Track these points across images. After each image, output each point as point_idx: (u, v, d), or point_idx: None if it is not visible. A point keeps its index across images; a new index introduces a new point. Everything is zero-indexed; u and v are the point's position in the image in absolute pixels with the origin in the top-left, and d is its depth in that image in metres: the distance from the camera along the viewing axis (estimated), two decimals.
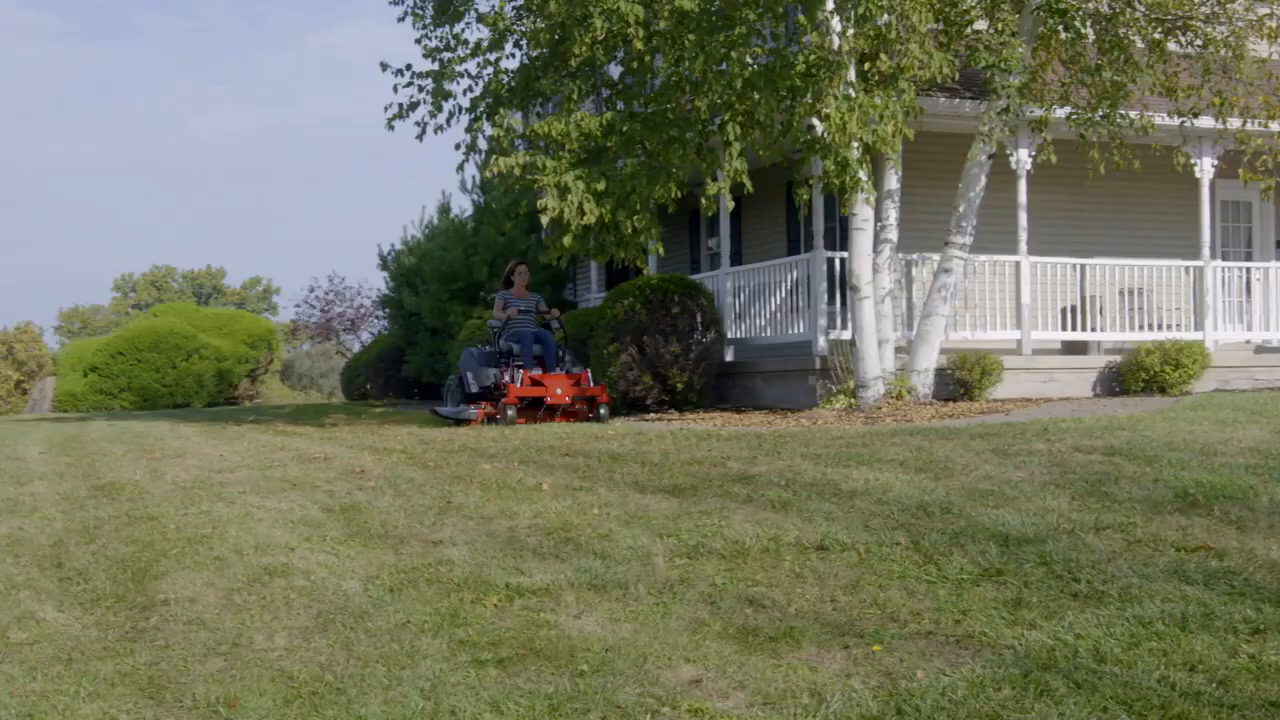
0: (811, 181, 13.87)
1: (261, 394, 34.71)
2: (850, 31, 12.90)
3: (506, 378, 14.69)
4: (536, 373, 14.87)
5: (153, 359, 30.19)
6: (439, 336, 23.56)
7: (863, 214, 13.75)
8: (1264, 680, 4.36)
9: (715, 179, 12.83)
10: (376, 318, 33.80)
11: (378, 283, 53.92)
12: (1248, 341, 17.90)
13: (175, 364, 30.40)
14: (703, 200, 12.98)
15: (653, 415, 15.43)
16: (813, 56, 12.40)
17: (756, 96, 12.56)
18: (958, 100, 15.62)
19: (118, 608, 6.05)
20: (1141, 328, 16.75)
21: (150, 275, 79.67)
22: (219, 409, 25.69)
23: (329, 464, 10.48)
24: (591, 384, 14.88)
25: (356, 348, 35.24)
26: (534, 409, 14.68)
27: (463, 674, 4.88)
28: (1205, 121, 15.61)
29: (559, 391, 14.64)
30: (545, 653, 5.09)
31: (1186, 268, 17.07)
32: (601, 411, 14.63)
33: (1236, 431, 9.84)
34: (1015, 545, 6.25)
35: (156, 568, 6.69)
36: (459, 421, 14.71)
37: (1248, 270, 17.83)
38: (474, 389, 14.95)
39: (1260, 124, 15.26)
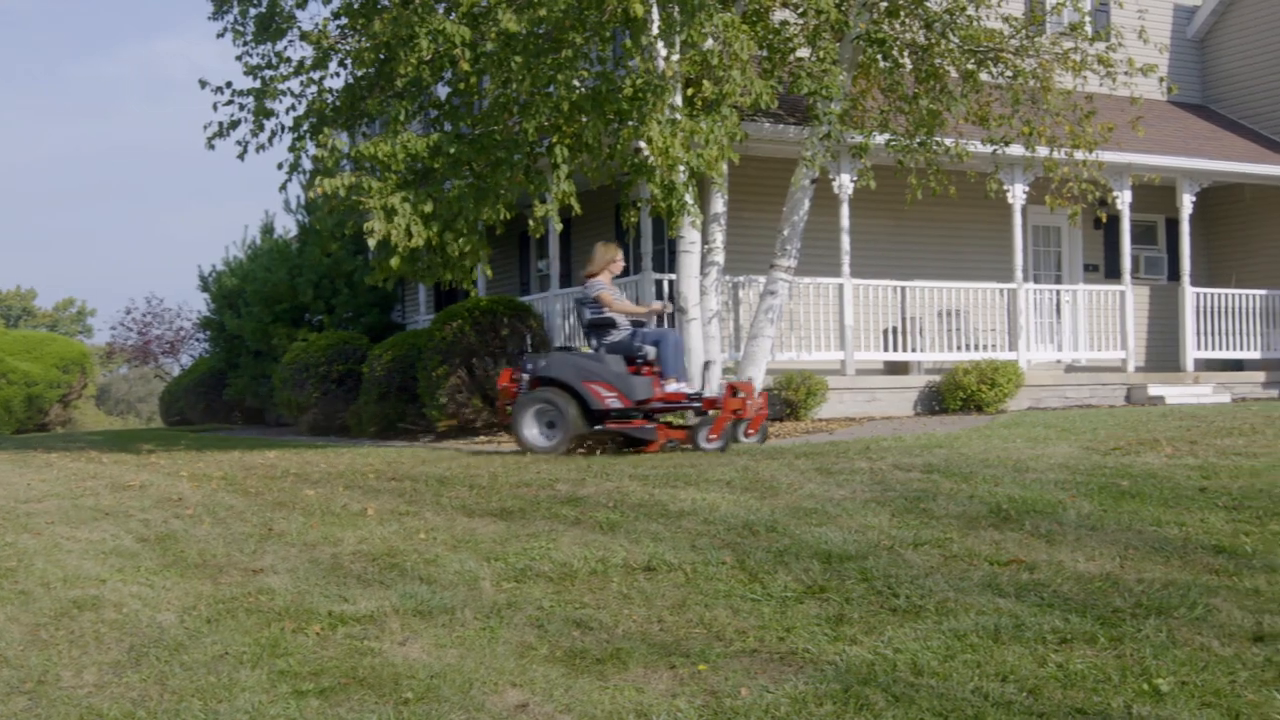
0: (640, 204, 13.97)
1: (75, 420, 33.42)
2: (675, 57, 13.04)
3: (660, 389, 11.94)
4: (679, 385, 12.18)
5: None
6: (262, 359, 23.04)
7: (690, 237, 13.90)
8: (1071, 688, 4.52)
9: (544, 201, 12.82)
10: (197, 340, 32.87)
11: (198, 304, 52.51)
12: (1058, 361, 18.63)
13: None
14: (531, 222, 12.96)
15: (483, 438, 15.34)
16: (639, 81, 12.50)
17: (584, 119, 12.61)
18: (782, 126, 15.93)
19: None
20: (959, 348, 17.29)
21: None
22: (28, 436, 24.68)
23: (144, 492, 10.14)
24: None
25: (176, 371, 34.25)
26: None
27: (283, 705, 4.76)
28: (1016, 149, 16.20)
29: (755, 402, 12.15)
30: (369, 681, 5.00)
31: (1001, 290, 17.67)
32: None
33: (1047, 448, 10.21)
34: (838, 562, 6.37)
35: None
36: (634, 441, 11.98)
37: (1058, 293, 18.56)
38: (613, 404, 11.74)
39: (1066, 152, 15.89)
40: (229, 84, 14.06)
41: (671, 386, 11.96)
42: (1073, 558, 6.29)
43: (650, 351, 12.12)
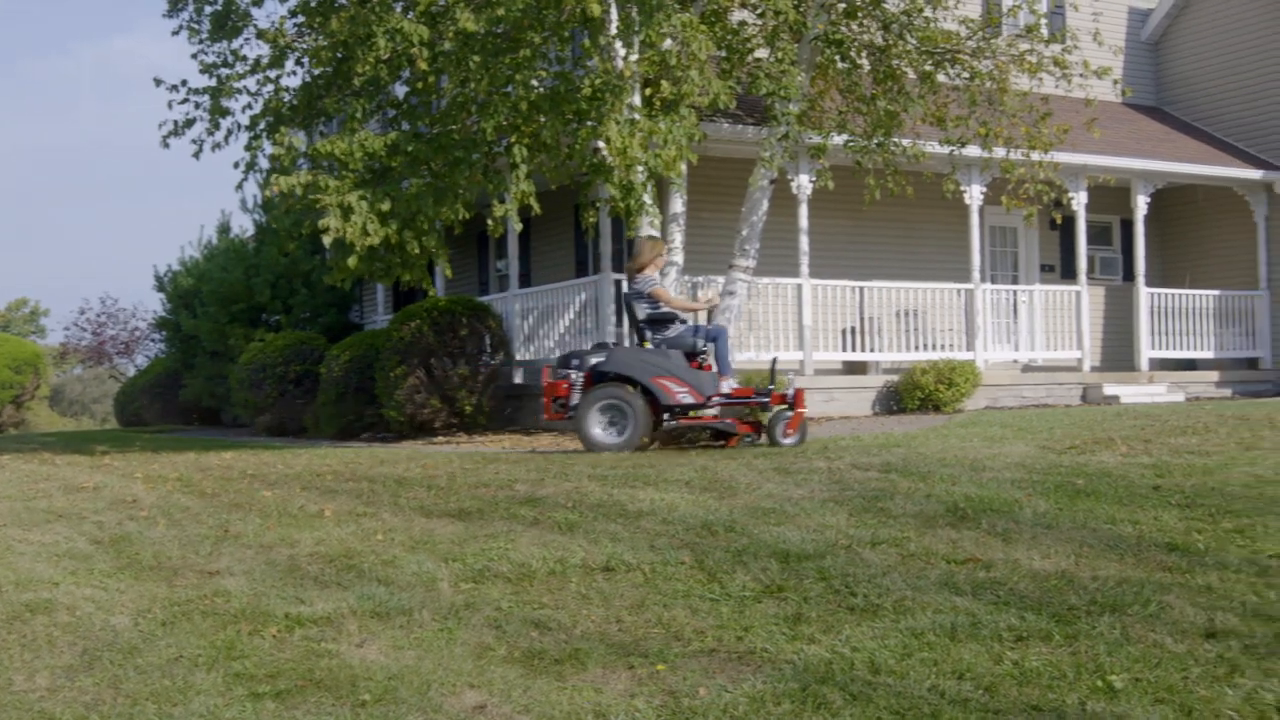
0: (599, 204, 13.97)
1: (28, 421, 33.07)
2: (633, 57, 13.05)
3: (725, 386, 11.76)
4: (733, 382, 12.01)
5: None
6: (219, 359, 22.87)
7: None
8: (1026, 685, 4.54)
9: (502, 201, 12.80)
10: (153, 341, 32.65)
11: (154, 305, 52.10)
12: (1015, 361, 18.77)
13: None
14: (490, 222, 12.93)
15: (441, 438, 15.29)
16: (598, 80, 12.50)
17: (542, 119, 12.60)
18: (741, 126, 15.97)
19: None
20: (917, 348, 17.38)
21: None
22: None
23: (98, 494, 10.04)
24: None
25: (132, 372, 33.99)
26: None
27: (239, 708, 4.72)
28: (973, 150, 16.30)
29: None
30: (326, 683, 4.96)
31: (958, 290, 17.78)
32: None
33: (1004, 447, 10.28)
34: (796, 561, 6.38)
35: None
36: (718, 435, 11.86)
37: (1014, 293, 18.70)
38: (685, 400, 11.49)
39: (1023, 153, 16.01)
40: (184, 82, 13.99)
41: (726, 383, 11.81)
42: (1028, 556, 6.33)
43: (710, 347, 11.95)
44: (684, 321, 12.15)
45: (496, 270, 20.35)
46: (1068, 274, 19.78)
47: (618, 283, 15.51)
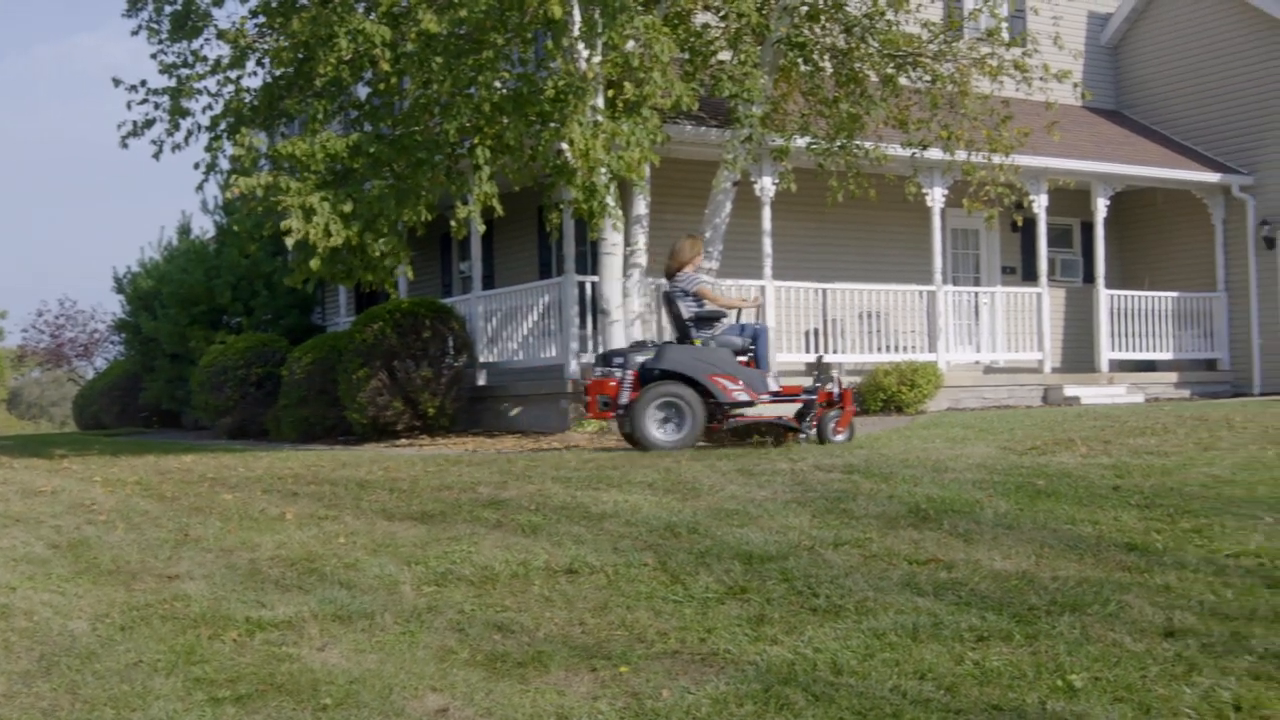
0: (562, 206, 13.96)
1: None
2: (596, 59, 13.04)
3: (772, 383, 11.79)
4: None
5: None
6: (179, 362, 22.71)
7: (612, 239, 13.90)
8: (987, 685, 4.57)
9: (465, 202, 12.76)
10: (112, 343, 32.42)
11: (113, 306, 51.73)
12: (977, 362, 18.88)
13: None
14: (453, 223, 12.88)
15: (404, 441, 15.24)
16: (561, 82, 12.48)
17: (505, 120, 12.58)
18: (704, 128, 15.99)
19: None
20: (880, 350, 17.45)
21: None
22: None
23: (56, 497, 9.94)
24: None
25: (91, 374, 33.69)
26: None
27: (198, 713, 4.68)
28: (935, 153, 16.38)
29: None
30: (287, 687, 4.93)
31: (920, 292, 17.86)
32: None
33: (966, 448, 10.34)
34: (759, 563, 6.39)
35: None
36: (785, 431, 11.72)
37: (976, 295, 18.81)
38: (740, 397, 11.44)
39: (984, 156, 16.10)
40: (144, 83, 13.87)
41: (772, 380, 11.81)
42: (990, 556, 6.37)
43: (753, 345, 11.90)
44: (728, 319, 12.17)
45: (460, 272, 20.30)
46: (1029, 276, 19.91)
47: (581, 285, 15.50)
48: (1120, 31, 22.28)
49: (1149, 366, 20.37)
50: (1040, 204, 18.78)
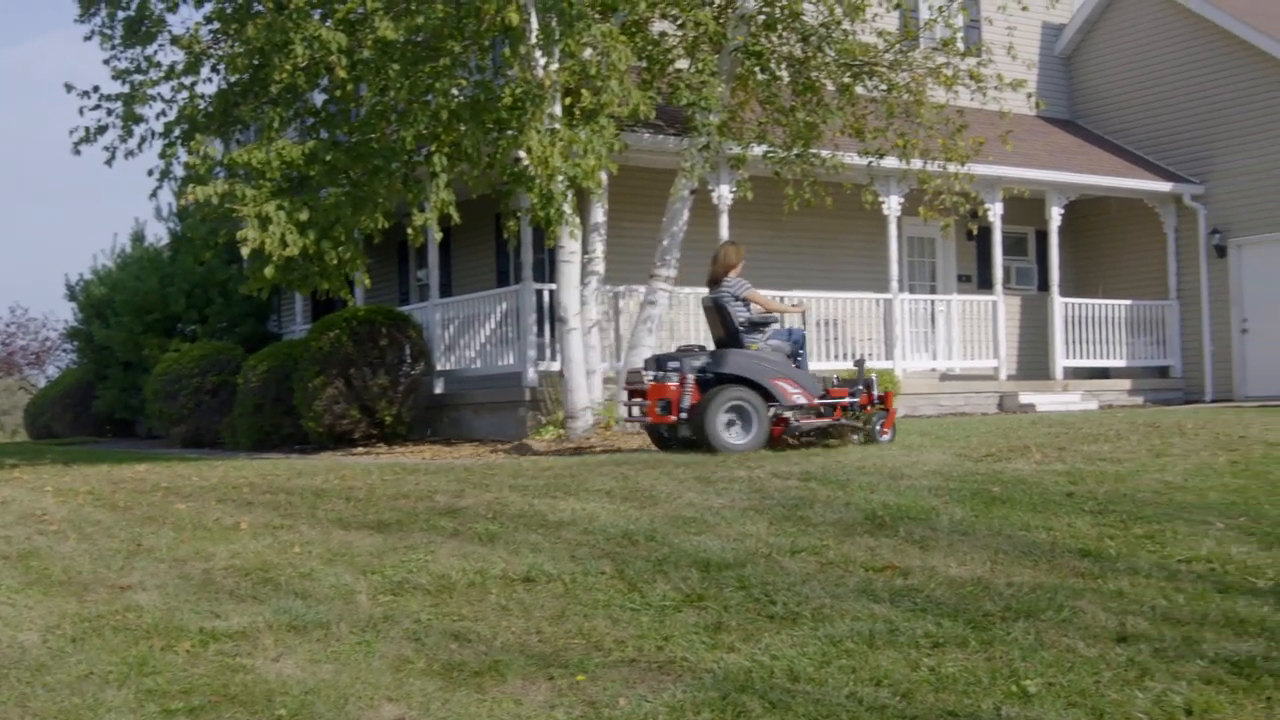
0: (520, 214, 13.93)
1: None
2: (554, 66, 13.04)
3: (822, 387, 12.11)
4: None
5: None
6: (133, 370, 22.50)
7: (569, 247, 13.89)
8: (943, 691, 4.59)
9: (423, 210, 12.71)
10: (64, 351, 32.11)
11: (65, 314, 51.15)
12: (933, 370, 18.98)
13: None
14: (410, 231, 12.83)
15: (361, 449, 15.16)
16: (518, 90, 12.47)
17: (463, 128, 12.54)
18: (661, 136, 16.01)
19: None
20: (837, 357, 17.51)
21: None
22: None
23: (6, 507, 9.81)
24: None
25: (42, 383, 33.33)
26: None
27: None
28: (891, 162, 16.48)
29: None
30: (241, 698, 4.89)
31: (877, 300, 17.96)
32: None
33: (922, 455, 10.39)
34: (716, 570, 6.40)
35: None
36: (844, 432, 12.00)
37: (932, 302, 18.93)
38: (799, 401, 11.68)
39: (939, 165, 16.20)
40: (96, 88, 13.73)
41: (819, 384, 12.09)
42: (945, 563, 6.41)
43: (800, 349, 12.17)
44: (776, 324, 12.38)
45: (417, 280, 20.23)
46: (984, 284, 20.05)
47: (539, 293, 15.47)
48: (1074, 42, 22.50)
49: (1103, 374, 20.57)
50: (995, 213, 18.92)
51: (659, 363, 11.74)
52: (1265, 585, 5.86)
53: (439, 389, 16.79)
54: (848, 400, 12.05)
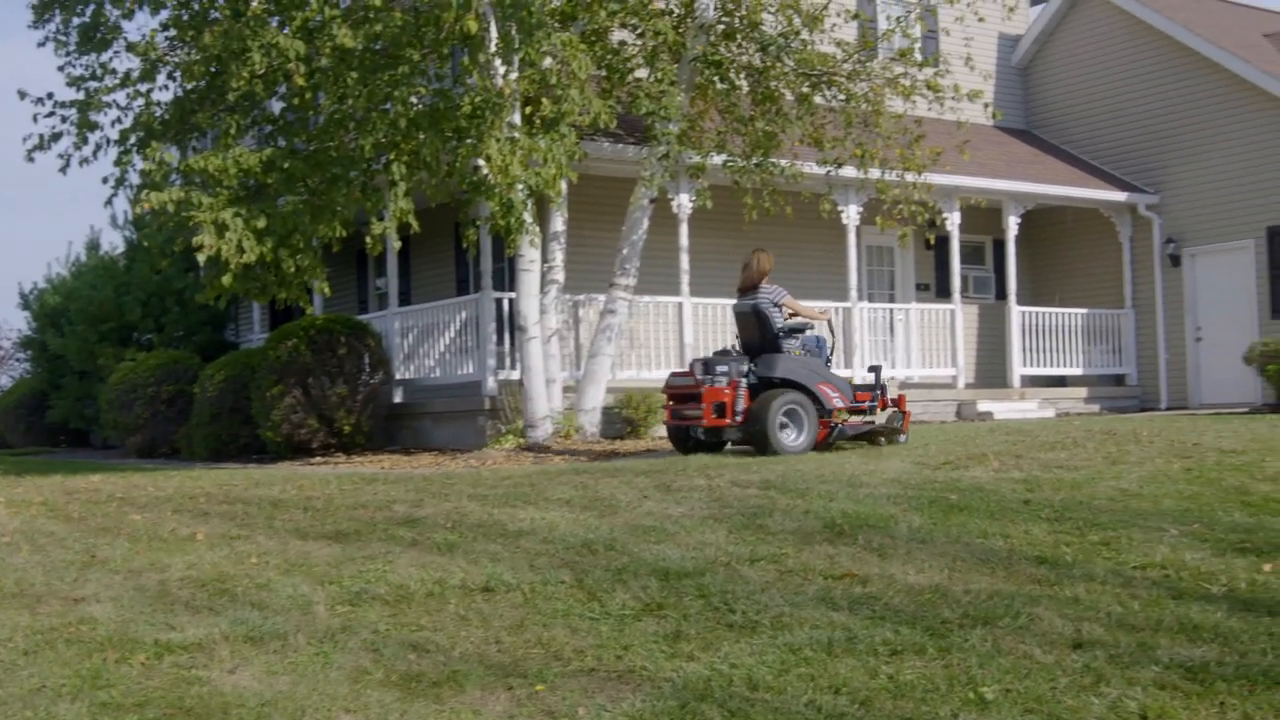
0: (479, 222, 13.90)
1: None
2: (513, 75, 13.02)
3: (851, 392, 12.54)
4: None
5: None
6: (88, 380, 22.28)
7: (529, 255, 13.87)
8: (901, 698, 4.61)
9: (381, 218, 12.66)
10: (17, 360, 31.70)
11: (19, 323, 50.55)
12: (892, 378, 19.03)
13: None
14: (369, 240, 12.77)
15: (319, 459, 15.06)
16: (478, 98, 12.44)
17: (422, 136, 12.51)
18: (621, 145, 16.02)
19: None
20: None
21: None
22: None
23: None
24: None
25: None
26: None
27: None
28: (849, 171, 16.54)
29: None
30: (196, 711, 4.85)
31: (836, 308, 18.01)
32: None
33: (880, 464, 10.42)
34: (676, 579, 6.40)
35: None
36: (872, 436, 12.50)
37: (891, 311, 19.02)
38: (838, 404, 12.20)
39: (897, 175, 16.28)
40: (50, 95, 13.59)
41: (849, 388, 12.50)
42: (903, 570, 6.43)
43: (830, 356, 12.66)
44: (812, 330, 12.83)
45: (376, 288, 20.15)
46: (942, 293, 20.17)
47: (498, 301, 15.44)
48: (1030, 53, 22.70)
49: (1060, 382, 20.72)
50: (953, 222, 19.04)
51: (706, 367, 11.98)
52: (1219, 591, 5.91)
53: (398, 398, 16.71)
54: (868, 404, 12.56)
